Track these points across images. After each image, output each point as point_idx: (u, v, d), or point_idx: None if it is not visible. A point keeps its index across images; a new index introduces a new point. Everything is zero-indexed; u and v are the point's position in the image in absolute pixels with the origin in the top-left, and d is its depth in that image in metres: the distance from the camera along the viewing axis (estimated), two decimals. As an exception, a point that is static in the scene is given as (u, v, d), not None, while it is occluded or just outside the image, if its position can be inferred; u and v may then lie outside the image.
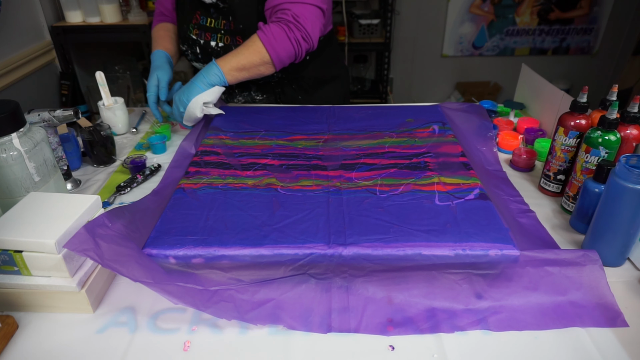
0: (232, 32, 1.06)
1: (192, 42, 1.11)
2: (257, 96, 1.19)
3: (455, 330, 0.57)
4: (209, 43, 1.08)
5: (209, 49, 1.09)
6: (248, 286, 0.61)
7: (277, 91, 1.18)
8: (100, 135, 0.92)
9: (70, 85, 1.78)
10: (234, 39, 1.06)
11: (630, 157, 0.62)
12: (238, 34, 1.05)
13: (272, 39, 0.97)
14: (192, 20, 1.09)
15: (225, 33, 1.06)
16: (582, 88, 0.77)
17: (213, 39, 1.07)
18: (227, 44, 1.07)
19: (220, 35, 1.07)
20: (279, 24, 0.97)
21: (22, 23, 1.59)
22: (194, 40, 1.10)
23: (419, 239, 0.63)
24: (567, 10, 2.73)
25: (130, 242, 0.61)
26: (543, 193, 0.85)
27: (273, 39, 0.97)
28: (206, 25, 1.07)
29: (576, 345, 0.55)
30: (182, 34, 1.12)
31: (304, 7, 0.98)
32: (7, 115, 0.64)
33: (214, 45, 1.07)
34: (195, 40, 1.10)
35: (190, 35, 1.10)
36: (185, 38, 1.12)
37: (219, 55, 1.06)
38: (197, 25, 1.09)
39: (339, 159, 0.86)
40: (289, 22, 0.97)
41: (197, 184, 0.77)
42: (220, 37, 1.07)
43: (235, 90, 1.19)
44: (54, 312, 0.60)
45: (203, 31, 1.08)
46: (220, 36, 1.07)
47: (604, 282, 0.61)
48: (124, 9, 1.79)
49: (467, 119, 1.04)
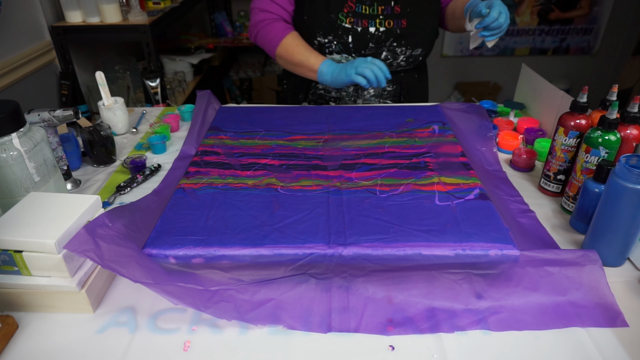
0: (395, 16, 1.10)
1: (344, 30, 1.10)
2: (388, 87, 1.21)
3: (455, 330, 0.57)
4: (367, 29, 1.10)
5: (367, 35, 1.10)
6: (248, 286, 0.61)
7: (404, 82, 1.21)
8: (100, 135, 0.92)
9: (70, 85, 1.77)
10: (399, 22, 1.10)
11: (630, 157, 0.62)
12: (404, 17, 1.10)
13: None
14: (343, 9, 1.09)
15: (385, 18, 1.09)
16: (582, 88, 0.77)
17: (371, 25, 1.10)
18: (389, 28, 1.10)
19: (379, 20, 1.09)
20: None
21: (22, 23, 1.59)
22: (347, 29, 1.10)
23: (419, 239, 0.63)
24: (567, 10, 2.73)
25: (131, 242, 0.61)
26: (543, 193, 0.85)
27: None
28: (361, 12, 1.09)
29: (576, 346, 0.55)
30: (328, 24, 1.10)
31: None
32: (7, 115, 0.64)
33: (374, 31, 1.10)
34: (348, 29, 1.10)
35: (341, 25, 1.10)
36: (333, 28, 1.10)
37: (379, 41, 1.11)
38: (352, 13, 1.09)
39: (339, 159, 0.86)
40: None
41: (197, 184, 0.77)
42: (379, 21, 1.10)
43: None
44: (54, 312, 0.60)
45: (359, 18, 1.09)
46: (379, 21, 1.10)
47: (604, 282, 0.61)
48: (124, 9, 1.79)
49: (467, 119, 1.04)
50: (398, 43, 1.12)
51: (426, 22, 1.13)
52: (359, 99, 1.21)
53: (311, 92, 1.24)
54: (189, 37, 2.72)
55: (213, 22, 2.83)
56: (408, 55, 1.15)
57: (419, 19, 1.11)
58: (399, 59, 1.15)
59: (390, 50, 1.13)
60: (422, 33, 1.13)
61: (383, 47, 1.12)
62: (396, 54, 1.14)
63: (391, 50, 1.13)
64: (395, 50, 1.13)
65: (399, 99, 1.24)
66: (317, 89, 1.23)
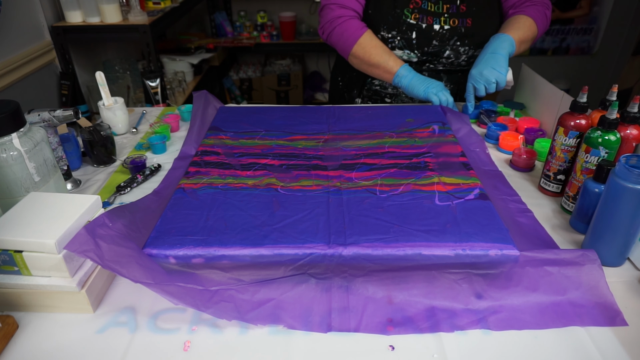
0: (461, 15, 1.10)
1: (408, 26, 1.11)
2: (447, 85, 1.20)
3: (455, 330, 0.57)
4: (432, 26, 1.10)
5: (432, 32, 1.10)
6: (248, 286, 0.61)
7: (461, 82, 1.21)
8: (100, 135, 0.92)
9: (70, 85, 1.77)
10: (464, 21, 1.10)
11: (630, 157, 0.62)
12: (469, 16, 1.10)
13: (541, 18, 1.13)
14: (409, 5, 1.10)
15: (450, 16, 1.10)
16: (582, 88, 0.77)
17: (436, 23, 1.10)
18: (454, 26, 1.10)
19: (444, 18, 1.10)
20: (534, 6, 1.14)
21: (22, 23, 1.59)
22: (412, 25, 1.10)
23: (419, 239, 0.63)
24: (567, 10, 2.73)
25: (131, 242, 0.61)
26: (543, 193, 0.85)
27: (542, 19, 1.13)
28: (427, 9, 1.10)
29: (576, 345, 0.55)
30: (392, 19, 1.11)
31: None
32: (7, 115, 0.64)
33: (438, 29, 1.10)
34: (413, 25, 1.10)
35: (406, 20, 1.10)
36: (398, 23, 1.11)
37: (443, 38, 1.11)
38: (418, 9, 1.10)
39: (339, 159, 0.86)
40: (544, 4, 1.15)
41: (197, 183, 0.77)
42: (444, 19, 1.10)
43: None
44: (54, 312, 0.60)
45: (424, 15, 1.10)
46: (444, 19, 1.10)
47: (603, 281, 0.61)
48: (124, 9, 1.79)
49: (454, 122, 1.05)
50: (462, 42, 1.12)
51: (491, 22, 1.13)
52: None
53: (366, 87, 1.24)
54: (189, 37, 2.72)
55: (213, 22, 2.83)
56: (470, 55, 1.14)
57: (484, 19, 1.11)
58: (461, 59, 1.15)
59: (453, 49, 1.13)
60: (486, 33, 1.12)
61: (447, 46, 1.12)
62: (459, 53, 1.14)
63: (454, 50, 1.13)
64: (458, 49, 1.13)
65: (454, 99, 1.22)
66: (372, 84, 1.23)
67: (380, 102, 1.25)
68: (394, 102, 1.23)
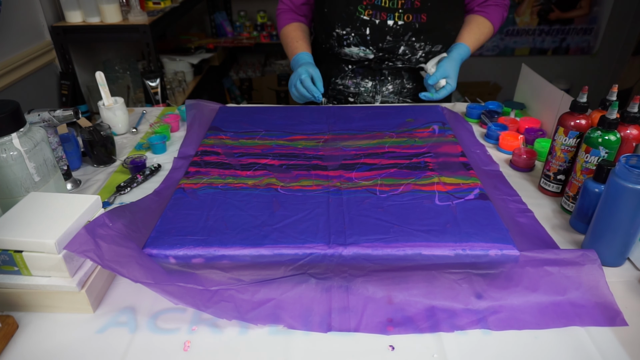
0: (415, 10, 1.09)
1: (362, 22, 1.11)
2: (408, 84, 1.21)
3: (455, 330, 0.57)
4: (385, 22, 1.10)
5: (385, 28, 1.10)
6: (248, 286, 0.61)
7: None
8: (100, 135, 0.92)
9: (70, 85, 1.77)
10: (418, 17, 1.10)
11: (630, 157, 0.62)
12: (423, 12, 1.09)
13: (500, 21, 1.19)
14: (362, 1, 1.10)
15: (404, 12, 1.09)
16: (582, 88, 0.77)
17: (390, 18, 1.09)
18: (408, 22, 1.10)
19: (398, 14, 1.09)
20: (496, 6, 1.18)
21: (22, 23, 1.59)
22: (365, 21, 1.10)
23: (419, 239, 0.63)
24: (567, 10, 2.73)
25: (131, 242, 0.61)
26: (543, 193, 0.85)
27: (500, 21, 1.19)
28: (381, 5, 1.09)
29: (576, 345, 0.55)
30: (346, 16, 1.11)
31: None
32: (7, 115, 0.64)
33: (392, 24, 1.10)
34: (366, 21, 1.10)
35: (360, 17, 1.10)
36: (351, 20, 1.11)
37: (397, 34, 1.10)
38: (371, 6, 1.10)
39: (339, 159, 0.86)
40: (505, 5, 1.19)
41: (197, 183, 0.77)
42: (398, 15, 1.09)
43: (388, 78, 1.20)
44: (54, 312, 0.60)
45: (378, 11, 1.10)
46: (398, 14, 1.09)
47: (603, 281, 0.61)
48: (124, 9, 1.79)
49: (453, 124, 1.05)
50: (417, 38, 1.11)
51: (447, 18, 1.12)
52: (377, 95, 1.22)
53: (330, 87, 1.25)
54: (189, 37, 2.72)
55: (213, 22, 2.83)
56: (427, 51, 1.14)
57: (440, 15, 1.11)
58: (418, 55, 1.14)
59: (408, 45, 1.12)
60: (442, 29, 1.12)
61: (401, 42, 1.12)
62: (414, 49, 1.13)
63: (409, 45, 1.12)
64: (413, 45, 1.12)
65: (418, 98, 1.23)
66: (336, 84, 1.24)
67: (344, 101, 1.25)
68: (357, 102, 1.23)
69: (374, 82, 1.20)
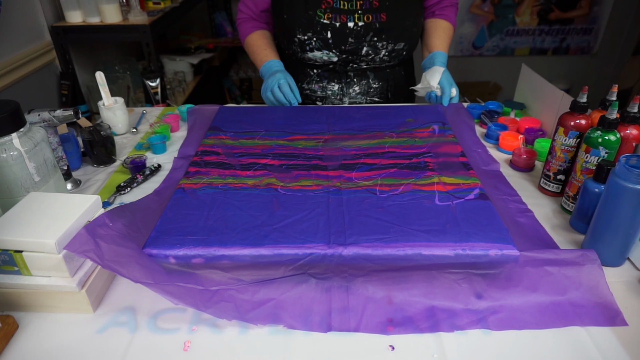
0: (374, 10, 1.10)
1: (323, 26, 1.11)
2: (374, 84, 1.21)
3: (455, 330, 0.57)
4: (346, 24, 1.10)
5: (346, 30, 1.10)
6: (248, 286, 0.61)
7: (390, 78, 1.22)
8: (100, 135, 0.92)
9: (70, 85, 1.77)
10: (377, 16, 1.10)
11: (630, 157, 0.62)
12: (383, 11, 1.10)
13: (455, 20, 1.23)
14: (321, 5, 1.10)
15: (364, 12, 1.09)
16: (582, 88, 0.77)
17: (350, 20, 1.10)
18: (368, 22, 1.10)
19: (357, 15, 1.09)
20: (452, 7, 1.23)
21: (22, 23, 1.59)
22: (325, 24, 1.10)
23: (419, 239, 0.63)
24: (567, 10, 2.73)
25: (131, 242, 0.61)
26: (543, 193, 0.85)
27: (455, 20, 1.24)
28: (340, 7, 1.09)
29: (576, 345, 0.55)
30: (306, 21, 1.11)
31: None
32: (7, 115, 0.64)
33: (352, 26, 1.10)
34: (327, 25, 1.10)
35: (320, 21, 1.10)
36: (311, 25, 1.11)
37: (358, 35, 1.11)
38: (330, 9, 1.10)
39: (339, 159, 0.86)
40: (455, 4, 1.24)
41: (197, 183, 0.77)
42: (358, 16, 1.09)
43: (354, 80, 1.20)
44: (54, 312, 0.60)
45: (337, 14, 1.10)
46: (358, 16, 1.09)
47: (603, 281, 0.61)
48: (124, 9, 1.79)
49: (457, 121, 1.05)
50: (379, 37, 1.12)
51: (407, 15, 1.13)
52: (345, 97, 1.22)
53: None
54: (189, 37, 2.72)
55: (213, 22, 2.83)
56: (390, 49, 1.14)
57: (399, 13, 1.11)
58: (381, 54, 1.15)
59: (371, 45, 1.13)
60: (403, 26, 1.13)
61: (363, 42, 1.12)
62: (377, 49, 1.14)
63: (372, 45, 1.13)
64: (376, 44, 1.13)
65: (386, 96, 1.24)
66: (303, 89, 1.24)
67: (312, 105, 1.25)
68: (325, 104, 1.23)
69: (340, 85, 1.20)
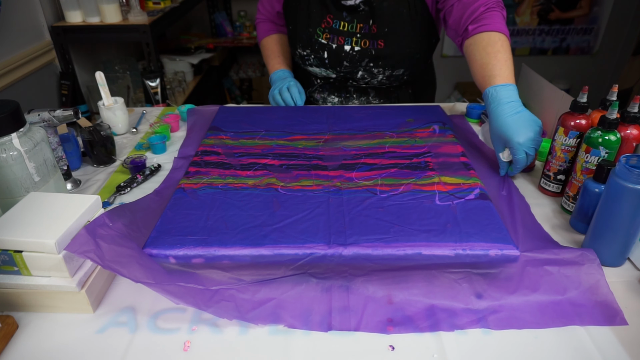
0: (372, 36, 1.06)
1: (320, 46, 1.09)
2: (374, 100, 1.20)
3: (455, 329, 0.57)
4: (342, 47, 1.07)
5: (342, 53, 1.08)
6: (249, 286, 0.61)
7: (394, 96, 1.20)
8: (100, 135, 0.92)
9: (70, 85, 1.77)
10: (374, 43, 1.06)
11: (630, 157, 0.62)
12: (380, 38, 1.05)
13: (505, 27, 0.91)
14: (321, 24, 1.07)
15: (362, 37, 1.06)
16: (582, 88, 0.77)
17: (347, 43, 1.07)
18: (364, 48, 1.07)
19: (355, 39, 1.06)
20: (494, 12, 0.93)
21: (22, 23, 1.59)
22: (323, 44, 1.08)
23: (419, 239, 0.63)
24: (567, 10, 2.73)
25: (131, 241, 0.61)
26: (543, 193, 0.85)
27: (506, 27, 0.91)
28: (339, 29, 1.06)
29: (576, 345, 0.55)
30: (306, 38, 1.10)
31: None
32: (7, 115, 0.64)
33: (349, 50, 1.07)
34: (324, 45, 1.08)
35: (318, 40, 1.08)
36: (310, 42, 1.09)
37: (353, 60, 1.08)
38: (329, 29, 1.07)
39: (339, 159, 0.86)
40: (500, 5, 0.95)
41: (197, 183, 0.77)
42: (355, 40, 1.06)
43: (353, 95, 1.19)
44: (54, 312, 0.60)
45: (335, 35, 1.07)
46: (356, 40, 1.06)
47: (603, 280, 0.61)
48: (124, 9, 1.79)
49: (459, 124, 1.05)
50: (375, 64, 1.08)
51: (407, 44, 1.07)
52: None
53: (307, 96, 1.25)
54: (189, 37, 2.72)
55: (213, 22, 2.83)
56: (388, 75, 1.11)
57: (399, 41, 1.06)
58: (378, 78, 1.12)
59: (366, 70, 1.10)
60: (402, 54, 1.08)
61: (359, 67, 1.10)
62: (373, 74, 1.11)
63: (367, 70, 1.10)
64: (371, 70, 1.10)
65: None
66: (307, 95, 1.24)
67: None
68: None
69: (340, 99, 1.20)
